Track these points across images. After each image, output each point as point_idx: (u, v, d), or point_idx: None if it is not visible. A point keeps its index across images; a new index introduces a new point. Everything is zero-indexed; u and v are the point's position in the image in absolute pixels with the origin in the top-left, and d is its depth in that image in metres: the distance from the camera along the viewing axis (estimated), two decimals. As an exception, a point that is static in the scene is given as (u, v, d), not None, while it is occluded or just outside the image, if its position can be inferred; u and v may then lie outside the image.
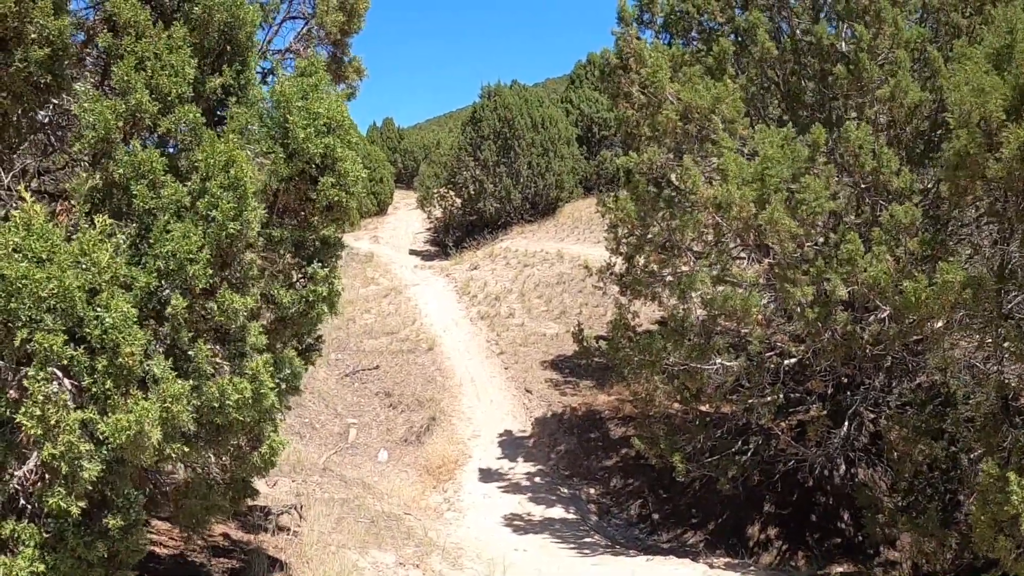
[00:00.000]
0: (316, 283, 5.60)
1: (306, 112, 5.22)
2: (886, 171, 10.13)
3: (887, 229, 9.71)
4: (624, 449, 15.50)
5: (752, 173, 9.84)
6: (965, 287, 8.40)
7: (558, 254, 25.69)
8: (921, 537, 9.94)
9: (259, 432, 5.08)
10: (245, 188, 4.55)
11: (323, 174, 5.35)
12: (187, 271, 4.39)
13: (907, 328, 9.92)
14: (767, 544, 13.13)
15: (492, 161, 29.95)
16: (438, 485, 14.86)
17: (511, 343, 20.52)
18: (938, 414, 10.22)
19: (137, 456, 4.21)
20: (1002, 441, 8.80)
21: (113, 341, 4.09)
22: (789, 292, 10.03)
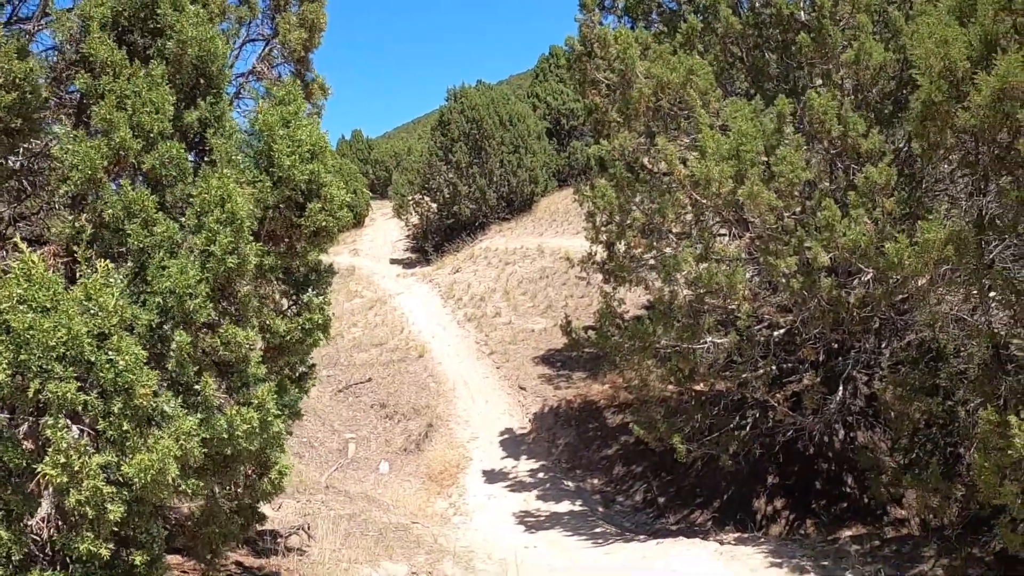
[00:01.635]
0: (312, 311, 5.62)
1: (290, 140, 5.24)
2: (853, 134, 10.17)
3: (863, 192, 9.74)
4: (623, 436, 15.52)
5: (728, 149, 9.87)
6: (947, 243, 8.45)
7: (538, 249, 25.71)
8: (926, 493, 9.96)
9: (266, 459, 5.07)
10: (242, 223, 4.56)
11: (309, 200, 5.37)
12: (187, 306, 4.39)
13: (892, 288, 9.97)
14: (775, 516, 13.16)
15: (464, 163, 29.92)
16: (442, 491, 14.83)
17: (500, 342, 20.52)
18: (931, 370, 10.26)
19: (157, 494, 4.20)
20: (997, 389, 8.85)
21: (127, 383, 4.09)
22: (773, 264, 10.06)
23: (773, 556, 10.09)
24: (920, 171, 10.84)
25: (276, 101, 5.60)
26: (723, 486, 13.88)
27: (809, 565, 9.73)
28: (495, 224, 30.32)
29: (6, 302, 4.00)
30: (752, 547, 10.62)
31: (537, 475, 15.16)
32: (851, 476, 12.93)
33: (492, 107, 30.16)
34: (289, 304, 5.77)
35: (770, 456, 13.57)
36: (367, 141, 54.18)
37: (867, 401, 13.05)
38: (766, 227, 10.30)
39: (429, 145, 32.49)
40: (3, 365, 3.97)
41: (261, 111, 5.33)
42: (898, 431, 10.96)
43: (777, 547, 10.74)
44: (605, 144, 12.19)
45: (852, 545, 10.92)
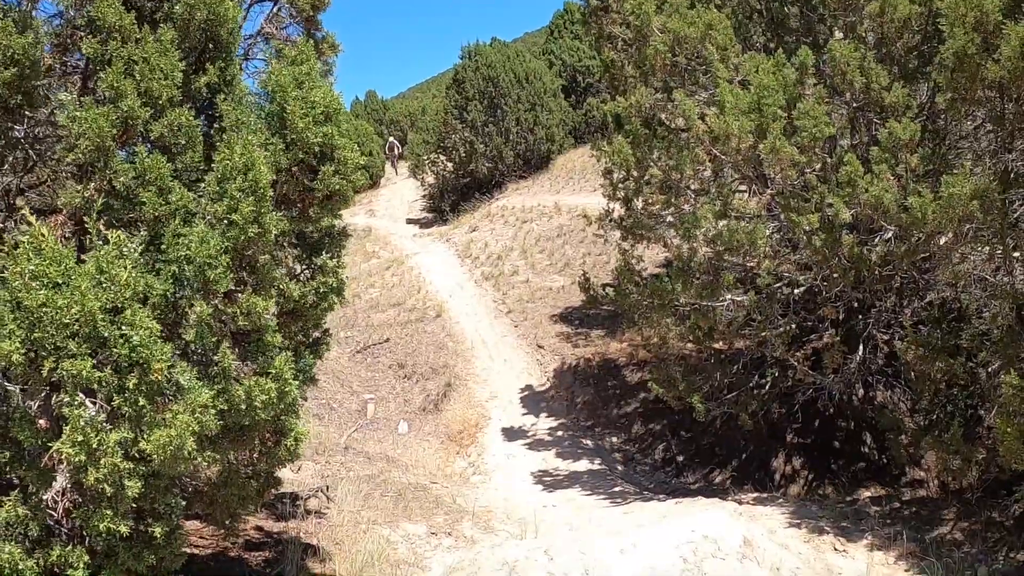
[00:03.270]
0: (326, 275, 5.55)
1: (303, 102, 5.13)
2: (876, 86, 9.95)
3: (886, 147, 9.54)
4: (642, 394, 15.47)
5: (749, 103, 9.67)
6: (972, 198, 8.28)
7: (555, 207, 25.54)
8: (946, 455, 9.84)
9: (282, 426, 5.02)
10: (265, 191, 4.46)
11: (322, 163, 5.26)
12: (207, 276, 4.31)
13: (914, 246, 9.80)
14: (793, 476, 13.11)
15: (480, 121, 29.69)
16: (461, 450, 14.84)
17: (518, 300, 20.45)
18: (953, 330, 10.11)
19: (175, 467, 4.16)
20: (1020, 352, 8.70)
21: (142, 358, 4.02)
22: (794, 221, 9.91)
23: (792, 516, 10.04)
24: (944, 127, 10.61)
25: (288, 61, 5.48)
26: (742, 445, 13.83)
27: (828, 526, 9.67)
28: (512, 182, 30.14)
29: (18, 279, 3.93)
30: (771, 507, 10.58)
31: (556, 433, 15.15)
32: (870, 436, 12.85)
33: (507, 65, 29.87)
34: (302, 268, 5.70)
35: (789, 415, 13.49)
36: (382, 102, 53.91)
37: (887, 360, 12.92)
38: (787, 183, 10.13)
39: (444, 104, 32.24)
40: (16, 344, 3.91)
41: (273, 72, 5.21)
42: (919, 391, 10.83)
43: (796, 507, 10.69)
44: (622, 101, 12.01)
45: (871, 506, 10.86)
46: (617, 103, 12.16)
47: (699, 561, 7.63)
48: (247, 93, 5.37)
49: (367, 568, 7.29)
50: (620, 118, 12.34)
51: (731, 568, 7.58)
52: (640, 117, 11.88)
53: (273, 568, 7.07)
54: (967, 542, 9.40)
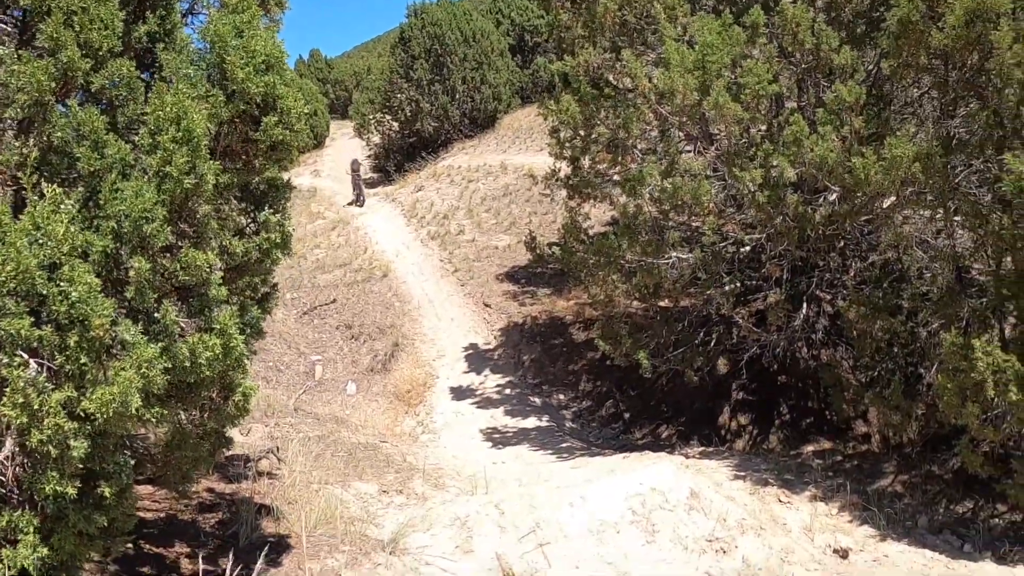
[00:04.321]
0: (269, 230, 5.47)
1: (243, 51, 5.00)
2: (826, 47, 10.06)
3: (831, 109, 9.68)
4: (589, 352, 15.59)
5: (694, 61, 9.73)
6: (914, 161, 8.44)
7: (501, 166, 25.50)
8: (887, 411, 10.13)
9: (230, 382, 4.98)
10: (199, 141, 4.37)
11: (265, 113, 5.17)
12: (144, 230, 4.23)
13: (858, 207, 9.98)
14: (739, 431, 13.35)
15: (426, 80, 29.45)
16: (410, 410, 14.88)
17: (464, 260, 20.45)
18: (894, 290, 10.35)
19: (121, 426, 4.11)
20: (959, 311, 8.95)
21: (82, 315, 3.95)
22: (738, 177, 10.03)
23: (737, 470, 10.25)
24: (890, 92, 10.78)
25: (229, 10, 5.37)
26: (688, 401, 14.03)
27: (772, 479, 9.89)
28: (458, 142, 30.01)
29: (-51, 238, 3.84)
30: (717, 461, 10.78)
31: (504, 391, 15.24)
32: (814, 393, 13.12)
33: (454, 23, 29.61)
34: (247, 223, 5.62)
35: (735, 372, 13.71)
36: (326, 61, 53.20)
37: (831, 320, 13.17)
38: (732, 140, 10.23)
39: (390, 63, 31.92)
40: (-48, 304, 3.84)
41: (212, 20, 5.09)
42: (860, 349, 11.09)
43: (741, 461, 10.91)
44: (570, 60, 12.02)
45: (815, 460, 11.13)
46: (565, 62, 12.17)
47: (647, 513, 7.78)
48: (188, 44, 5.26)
49: (321, 525, 7.33)
50: (568, 77, 12.34)
51: (679, 519, 7.75)
52: (588, 76, 11.90)
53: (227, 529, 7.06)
54: (907, 494, 9.70)
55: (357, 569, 6.74)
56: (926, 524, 8.92)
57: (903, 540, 8.47)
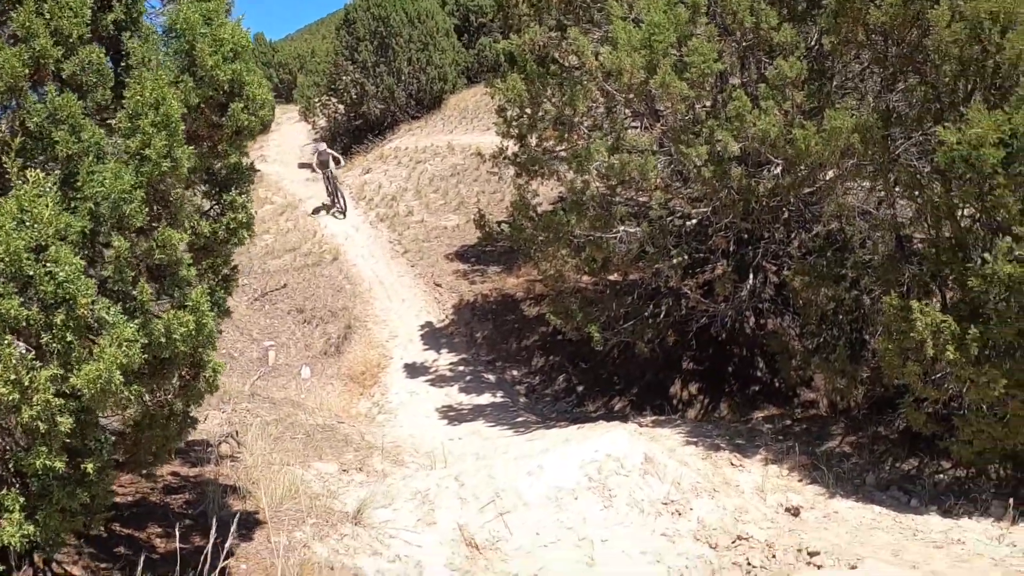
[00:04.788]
0: (236, 210, 5.58)
1: (212, 39, 5.12)
2: (766, 26, 10.31)
3: (773, 84, 9.94)
4: (541, 328, 15.81)
5: (641, 40, 9.92)
6: (854, 131, 8.73)
7: (448, 146, 25.55)
8: (833, 375, 10.47)
9: (200, 359, 5.09)
10: (177, 125, 4.48)
11: (232, 100, 5.28)
12: (123, 211, 4.32)
13: (800, 178, 10.27)
14: (690, 400, 13.67)
15: (371, 62, 29.30)
16: (365, 391, 14.97)
17: (414, 240, 20.53)
18: (837, 260, 10.65)
19: (104, 402, 4.20)
20: (900, 277, 9.28)
21: (69, 294, 4.05)
22: (684, 153, 10.25)
23: (689, 436, 10.51)
24: (830, 67, 11.06)
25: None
26: (640, 373, 14.32)
27: (724, 444, 10.16)
28: (404, 123, 29.93)
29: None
30: (669, 428, 11.04)
31: (457, 369, 15.40)
32: (762, 361, 13.47)
33: (399, 4, 29.43)
34: (212, 205, 5.73)
35: (684, 343, 14.02)
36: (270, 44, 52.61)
37: (776, 290, 13.51)
38: (678, 117, 10.45)
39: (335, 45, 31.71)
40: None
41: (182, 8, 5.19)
42: (806, 317, 11.44)
43: (693, 428, 11.18)
44: (515, 39, 12.15)
45: (764, 425, 11.44)
46: (511, 41, 12.29)
47: (604, 479, 7.99)
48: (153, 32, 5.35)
49: (287, 500, 7.44)
50: (514, 56, 12.47)
51: (634, 484, 7.97)
52: (534, 55, 12.03)
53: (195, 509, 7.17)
54: (855, 454, 10.04)
55: (325, 541, 6.88)
56: (873, 482, 9.26)
57: (852, 497, 8.78)
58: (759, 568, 6.92)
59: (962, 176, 7.84)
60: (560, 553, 7.27)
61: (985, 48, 8.13)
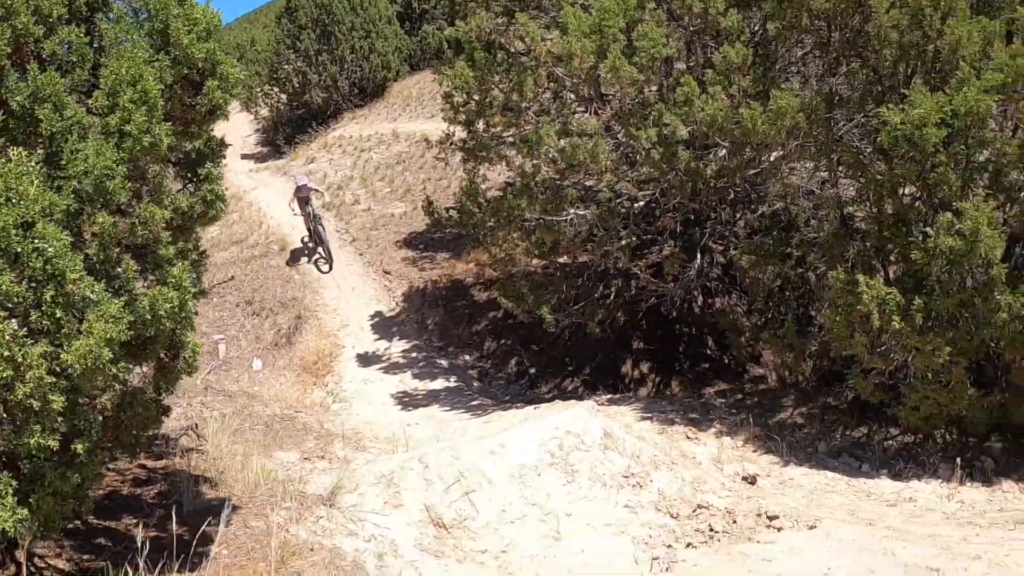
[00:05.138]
0: (212, 182, 5.63)
1: (186, 19, 5.17)
2: (713, 11, 10.55)
3: (720, 70, 10.21)
4: (492, 312, 15.92)
5: (590, 25, 10.09)
6: (799, 111, 9.03)
7: (393, 134, 25.52)
8: (782, 350, 10.83)
9: (179, 339, 5.15)
10: (155, 101, 4.52)
11: (206, 79, 5.33)
12: (106, 187, 4.36)
13: (746, 160, 10.55)
14: (642, 379, 13.91)
15: (313, 51, 29.06)
16: (318, 381, 14.96)
17: (361, 229, 20.49)
18: (783, 238, 11.00)
19: (93, 380, 4.24)
20: (845, 253, 9.62)
21: (58, 270, 4.08)
22: (634, 135, 10.46)
23: (644, 412, 10.76)
24: (775, 52, 11.35)
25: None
26: (591, 353, 14.51)
27: (678, 419, 10.42)
28: (348, 112, 29.74)
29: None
30: (624, 406, 11.27)
31: (410, 355, 15.45)
32: (712, 339, 13.75)
33: (342, -9, 29.23)
34: (185, 183, 5.78)
35: (635, 323, 14.24)
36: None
37: (724, 269, 13.79)
38: (627, 101, 10.64)
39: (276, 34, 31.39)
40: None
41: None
42: (753, 295, 11.75)
43: (647, 405, 11.43)
44: (462, 25, 12.23)
45: (717, 399, 11.73)
46: (457, 27, 12.37)
47: (565, 455, 8.18)
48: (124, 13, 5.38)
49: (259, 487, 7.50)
50: (460, 42, 12.56)
51: (595, 458, 8.17)
52: (480, 41, 12.13)
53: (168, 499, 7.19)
54: (806, 424, 10.38)
55: (302, 523, 6.96)
56: (825, 449, 9.62)
57: (805, 464, 9.13)
58: (721, 533, 7.17)
59: (905, 155, 8.23)
60: (527, 529, 7.45)
61: (926, 34, 8.51)
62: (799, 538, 6.98)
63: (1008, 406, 8.75)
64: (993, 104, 7.96)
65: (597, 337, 13.32)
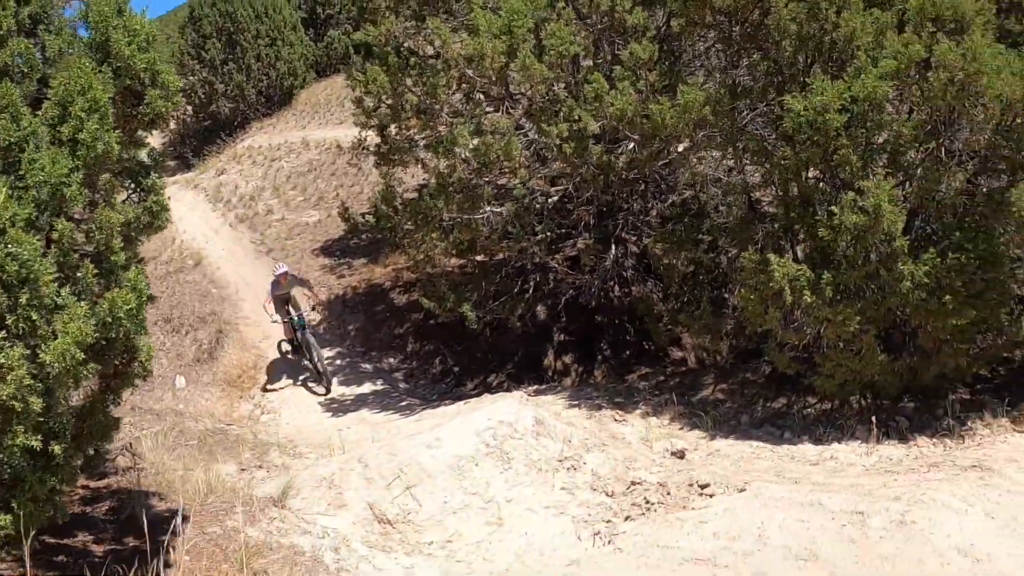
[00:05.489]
0: (156, 192, 5.73)
1: (125, 30, 5.25)
2: (620, 9, 10.94)
3: (627, 66, 10.63)
4: (413, 315, 16.06)
5: (500, 26, 10.37)
6: (705, 104, 9.48)
7: (303, 142, 25.43)
8: (699, 332, 11.31)
9: (134, 343, 5.25)
10: (106, 110, 4.61)
11: (147, 88, 5.43)
12: (63, 194, 4.45)
13: (655, 151, 10.97)
14: (566, 370, 14.23)
15: (219, 60, 28.71)
16: (244, 394, 14.86)
17: (277, 239, 20.41)
18: (694, 225, 11.44)
19: (66, 381, 4.33)
20: (754, 236, 10.08)
21: (33, 274, 4.16)
22: (546, 132, 10.77)
23: (571, 400, 11.09)
24: (679, 47, 11.79)
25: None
26: (514, 349, 14.77)
27: (604, 403, 10.77)
28: (256, 121, 29.42)
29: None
30: (551, 395, 11.57)
31: (335, 362, 15.50)
32: (632, 326, 14.13)
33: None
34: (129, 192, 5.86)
35: (555, 316, 14.54)
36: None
37: (638, 258, 14.16)
38: (538, 98, 10.94)
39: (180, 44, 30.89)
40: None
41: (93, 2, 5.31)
42: (668, 281, 12.19)
43: (573, 392, 11.76)
44: (372, 30, 12.33)
45: (640, 383, 12.10)
46: (367, 32, 12.46)
47: (500, 444, 8.43)
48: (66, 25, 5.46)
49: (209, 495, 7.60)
50: (370, 47, 12.68)
51: (529, 445, 8.44)
52: (390, 45, 12.28)
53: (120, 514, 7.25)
54: (728, 399, 10.84)
55: (256, 525, 7.08)
56: (748, 421, 10.08)
57: (730, 436, 9.58)
58: (656, 504, 7.52)
59: (808, 140, 8.76)
60: (470, 518, 7.69)
61: (822, 26, 9.04)
62: (731, 501, 7.36)
63: (917, 368, 9.35)
64: (889, 89, 8.53)
65: (519, 332, 13.60)
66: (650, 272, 13.72)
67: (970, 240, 8.51)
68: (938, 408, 9.35)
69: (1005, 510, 6.71)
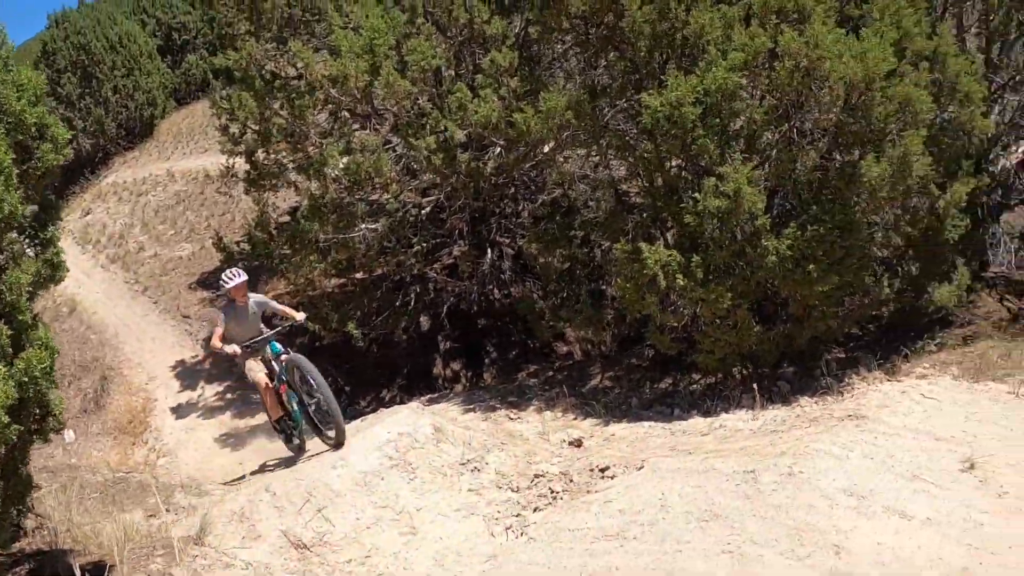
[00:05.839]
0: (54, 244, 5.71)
1: (13, 85, 5.24)
2: (479, 20, 11.26)
3: (489, 74, 10.96)
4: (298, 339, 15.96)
5: (362, 46, 10.56)
6: (567, 108, 9.91)
7: (168, 174, 24.98)
8: (581, 325, 11.71)
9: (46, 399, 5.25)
10: (9, 171, 4.62)
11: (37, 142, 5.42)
12: None
13: (522, 155, 11.33)
14: (455, 376, 14.45)
15: (76, 95, 27.86)
16: (137, 440, 14.57)
17: (151, 276, 20.04)
18: (566, 222, 11.83)
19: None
20: (624, 227, 10.54)
21: None
22: (414, 145, 11.00)
23: (465, 404, 11.34)
24: (538, 53, 12.18)
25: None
26: (402, 362, 14.92)
27: (498, 403, 11.05)
28: (118, 156, 28.64)
29: None
30: (445, 403, 11.79)
31: (225, 397, 15.31)
32: (515, 327, 14.44)
33: (99, 29, 27.84)
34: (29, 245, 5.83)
35: (439, 325, 14.73)
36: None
37: (514, 259, 14.48)
38: (403, 113, 11.15)
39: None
40: None
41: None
42: (546, 278, 12.56)
43: (466, 397, 12.01)
44: (233, 54, 12.28)
45: (530, 380, 12.41)
46: (227, 56, 12.42)
47: (402, 455, 8.57)
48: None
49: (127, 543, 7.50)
50: (232, 71, 12.63)
51: (431, 453, 8.62)
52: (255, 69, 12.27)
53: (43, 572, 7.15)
54: (616, 386, 11.27)
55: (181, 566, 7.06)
56: (638, 404, 10.53)
57: (623, 420, 9.98)
58: (562, 492, 7.85)
59: (667, 133, 9.26)
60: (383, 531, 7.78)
61: (673, 25, 9.51)
62: (631, 478, 7.74)
63: (791, 335, 9.97)
64: (740, 80, 9.08)
65: (405, 344, 13.74)
66: (527, 272, 14.03)
67: (827, 212, 9.11)
68: (816, 369, 10.01)
69: (882, 450, 7.42)
